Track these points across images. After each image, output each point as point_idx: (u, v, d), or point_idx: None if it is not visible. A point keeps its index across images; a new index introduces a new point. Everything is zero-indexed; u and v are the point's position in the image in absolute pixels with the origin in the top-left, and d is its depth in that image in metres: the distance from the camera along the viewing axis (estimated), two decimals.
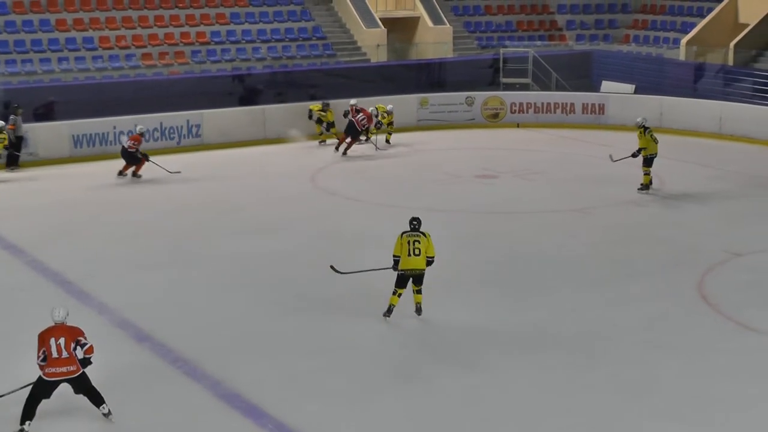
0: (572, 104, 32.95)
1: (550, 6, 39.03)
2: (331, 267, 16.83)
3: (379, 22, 34.95)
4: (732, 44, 33.59)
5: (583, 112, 32.63)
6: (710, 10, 35.60)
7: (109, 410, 12.64)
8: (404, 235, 15.73)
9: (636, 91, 33.63)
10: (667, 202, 23.36)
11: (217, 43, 33.48)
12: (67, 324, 12.59)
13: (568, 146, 29.87)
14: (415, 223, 15.81)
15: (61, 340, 12.38)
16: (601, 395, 13.61)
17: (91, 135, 27.57)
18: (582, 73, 35.64)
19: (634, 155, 23.88)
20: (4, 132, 25.46)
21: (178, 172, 25.26)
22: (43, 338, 12.48)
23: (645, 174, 23.84)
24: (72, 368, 12.42)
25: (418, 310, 15.94)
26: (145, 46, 32.59)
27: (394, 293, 15.79)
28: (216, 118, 29.14)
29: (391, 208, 22.65)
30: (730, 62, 33.44)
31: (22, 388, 12.64)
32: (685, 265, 19.00)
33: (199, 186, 24.90)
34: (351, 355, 14.85)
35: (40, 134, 27.09)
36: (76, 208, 23.04)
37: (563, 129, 32.07)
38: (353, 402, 13.33)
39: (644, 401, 13.41)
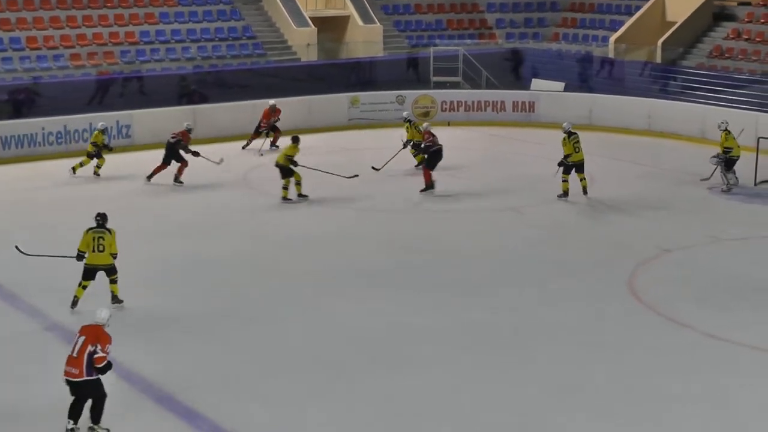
0: (503, 102, 33.20)
1: (479, 4, 39.26)
2: (16, 247, 17.16)
3: (309, 21, 34.95)
4: (660, 42, 34.05)
5: (513, 110, 32.89)
6: (638, 8, 36.03)
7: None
8: (90, 231, 16.22)
9: (566, 89, 33.96)
10: (599, 200, 23.61)
11: (146, 43, 33.22)
12: (104, 329, 12.37)
13: (500, 144, 30.11)
14: (99, 219, 16.28)
15: (80, 340, 12.24)
16: (533, 393, 13.77)
17: (19, 137, 27.30)
18: (512, 72, 35.91)
19: (560, 164, 23.51)
20: None
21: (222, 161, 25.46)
22: (77, 333, 12.41)
23: (563, 181, 23.45)
24: (74, 371, 12.14)
25: (114, 299, 16.32)
26: (73, 47, 32.23)
27: (79, 285, 16.24)
28: (147, 119, 28.95)
29: (320, 207, 22.81)
30: (658, 60, 33.90)
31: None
32: (617, 262, 19.26)
33: (129, 188, 24.76)
34: (285, 358, 14.96)
35: None
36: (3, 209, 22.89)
37: (494, 127, 32.28)
38: (290, 405, 13.41)
39: (575, 398, 13.59)
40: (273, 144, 28.71)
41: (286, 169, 23.03)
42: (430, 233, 21.39)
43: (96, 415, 12.30)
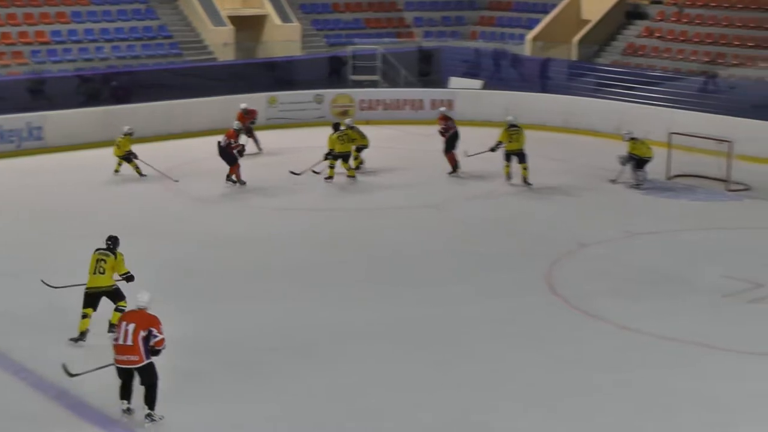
0: (421, 100, 33.43)
1: (397, 3, 39.39)
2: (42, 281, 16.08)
3: (226, 21, 34.82)
4: (575, 40, 34.45)
5: (432, 108, 32.94)
6: (553, 6, 36.37)
7: (152, 418, 12.49)
8: (96, 252, 15.17)
9: (484, 87, 34.24)
10: (517, 196, 23.96)
11: (58, 42, 32.81)
12: (148, 311, 12.54)
13: (419, 142, 30.24)
14: (109, 243, 15.18)
15: (131, 327, 12.34)
16: (455, 387, 13.88)
17: None
18: (430, 70, 36.07)
19: (492, 149, 24.80)
20: None
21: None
22: (120, 321, 12.53)
23: (505, 166, 24.86)
24: (133, 358, 12.34)
25: (111, 328, 14.72)
26: None
27: (83, 316, 15.01)
28: (59, 120, 28.65)
29: (245, 209, 22.86)
30: (574, 57, 34.27)
31: (99, 368, 12.79)
32: (535, 257, 19.50)
33: (43, 190, 24.52)
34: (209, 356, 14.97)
35: None
36: None
37: (413, 125, 32.42)
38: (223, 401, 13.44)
39: (498, 391, 13.74)
40: (257, 145, 28.60)
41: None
42: (352, 231, 21.50)
43: (152, 400, 12.56)
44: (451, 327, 16.18)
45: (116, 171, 25.64)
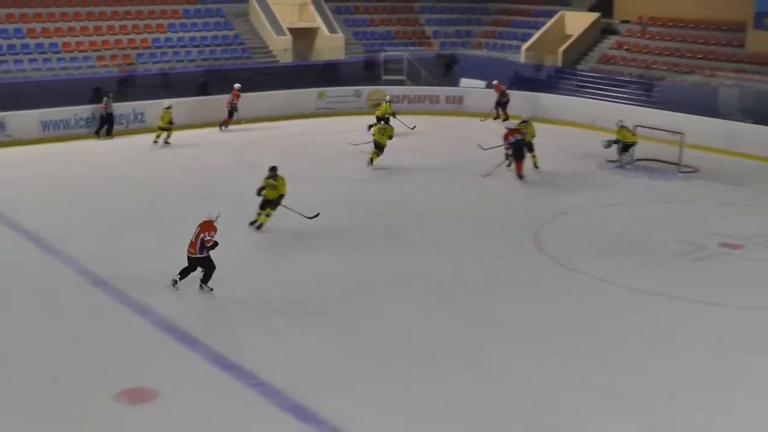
0: (438, 96, 33.12)
1: (420, 20, 39.02)
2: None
3: (286, 31, 34.49)
4: (560, 50, 34.02)
5: (446, 103, 32.84)
6: (543, 23, 35.89)
7: (203, 288, 14.22)
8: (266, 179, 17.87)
9: (487, 87, 33.84)
10: (512, 176, 23.43)
11: (157, 47, 32.36)
12: (214, 223, 14.18)
13: (436, 127, 30.01)
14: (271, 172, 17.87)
15: (197, 230, 14.14)
16: (455, 324, 13.80)
17: None
18: (445, 72, 35.78)
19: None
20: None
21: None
22: (197, 227, 14.21)
23: (532, 156, 23.75)
24: (192, 251, 14.12)
25: (258, 226, 17.91)
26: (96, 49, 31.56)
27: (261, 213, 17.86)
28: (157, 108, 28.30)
29: (296, 178, 22.65)
30: (559, 64, 33.88)
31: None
32: (525, 222, 19.29)
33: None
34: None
35: None
36: None
37: (431, 115, 32.10)
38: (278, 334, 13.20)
39: (494, 330, 13.62)
40: (223, 125, 28.69)
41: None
42: (377, 195, 21.34)
43: (205, 278, 14.28)
44: (462, 276, 16.00)
45: (155, 141, 25.54)
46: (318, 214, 18.07)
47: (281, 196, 17.87)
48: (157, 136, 26.09)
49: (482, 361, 12.49)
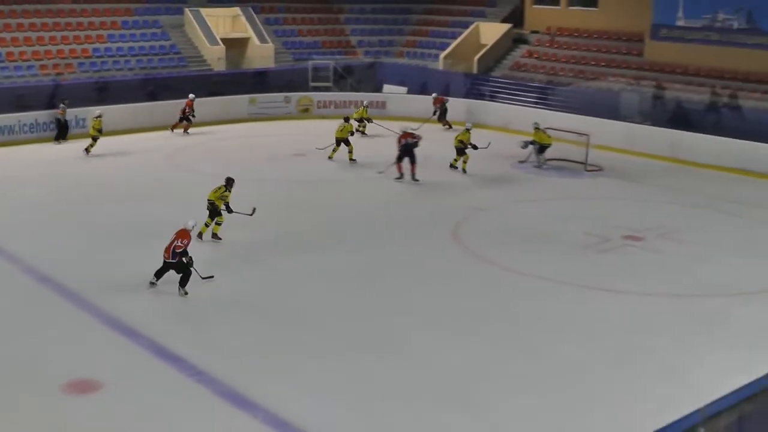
0: (362, 101, 33.28)
1: (345, 30, 39.29)
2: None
3: (220, 41, 34.50)
4: (476, 58, 34.56)
5: (370, 108, 33.04)
6: (460, 33, 36.40)
7: (182, 292, 14.27)
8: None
9: (408, 92, 34.32)
10: (441, 176, 23.66)
11: (97, 57, 32.01)
12: (189, 232, 14.41)
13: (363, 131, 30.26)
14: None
15: (173, 236, 14.35)
16: (379, 311, 14.19)
17: None
18: (369, 79, 36.08)
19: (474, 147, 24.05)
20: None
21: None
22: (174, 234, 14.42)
23: (454, 159, 24.36)
24: (166, 255, 14.33)
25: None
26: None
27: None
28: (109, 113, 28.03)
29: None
30: (475, 71, 34.41)
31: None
32: (444, 218, 19.60)
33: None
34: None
35: None
36: None
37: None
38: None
39: (412, 316, 14.00)
40: (185, 131, 28.85)
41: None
42: (308, 197, 21.46)
43: (182, 282, 14.41)
44: (382, 267, 16.34)
45: (86, 150, 25.38)
46: (255, 209, 18.02)
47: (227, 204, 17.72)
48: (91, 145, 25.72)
49: (402, 346, 12.91)
